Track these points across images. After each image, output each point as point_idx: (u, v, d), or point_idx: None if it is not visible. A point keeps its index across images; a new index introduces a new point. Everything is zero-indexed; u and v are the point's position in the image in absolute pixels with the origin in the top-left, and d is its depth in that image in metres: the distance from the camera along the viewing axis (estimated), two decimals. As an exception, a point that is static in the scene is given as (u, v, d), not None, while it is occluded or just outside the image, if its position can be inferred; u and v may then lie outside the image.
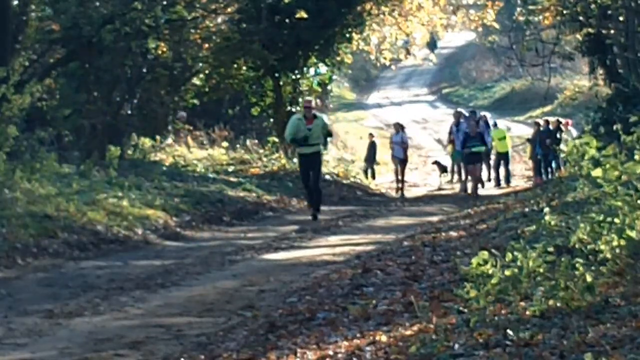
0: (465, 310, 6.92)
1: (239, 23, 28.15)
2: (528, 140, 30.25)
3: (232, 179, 22.87)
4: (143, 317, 9.12)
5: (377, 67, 57.57)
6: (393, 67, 52.84)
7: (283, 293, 10.06)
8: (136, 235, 15.27)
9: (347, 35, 29.35)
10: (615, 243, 6.87)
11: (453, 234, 13.50)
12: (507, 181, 29.08)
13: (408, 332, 6.86)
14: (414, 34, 33.98)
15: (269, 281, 10.93)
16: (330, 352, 6.73)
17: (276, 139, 27.74)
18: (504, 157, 29.25)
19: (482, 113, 32.11)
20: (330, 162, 28.06)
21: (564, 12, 26.56)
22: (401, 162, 26.82)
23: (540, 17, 28.22)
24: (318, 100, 31.48)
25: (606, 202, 7.21)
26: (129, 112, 25.83)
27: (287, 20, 27.70)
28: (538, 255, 6.86)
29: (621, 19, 24.41)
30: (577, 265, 6.73)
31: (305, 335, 7.55)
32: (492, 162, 30.01)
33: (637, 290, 6.66)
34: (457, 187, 27.98)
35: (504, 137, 29.35)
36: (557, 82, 45.87)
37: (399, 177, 26.96)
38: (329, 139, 20.86)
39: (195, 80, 28.87)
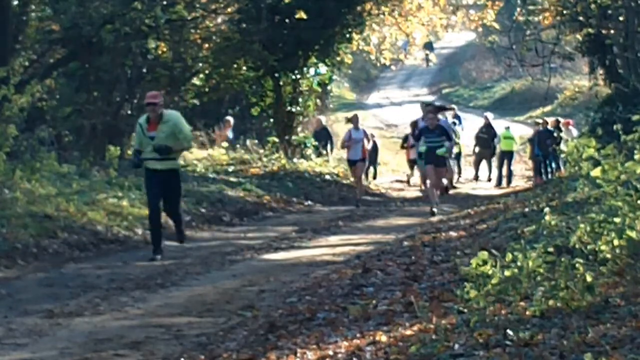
0: (465, 310, 6.92)
1: (239, 23, 28.14)
2: (528, 140, 30.29)
3: (232, 179, 22.84)
4: (143, 317, 9.12)
5: (377, 67, 57.56)
6: (393, 67, 52.88)
7: (283, 293, 10.05)
8: (136, 235, 15.28)
9: (347, 35, 29.35)
10: (615, 243, 6.87)
11: (453, 234, 13.51)
12: (509, 181, 29.10)
13: (408, 332, 6.86)
14: (413, 34, 33.98)
15: (269, 281, 10.93)
16: (330, 352, 6.73)
17: (276, 139, 27.75)
18: (507, 156, 29.24)
19: (486, 113, 32.11)
20: (330, 162, 28.03)
21: (564, 12, 26.56)
22: (358, 163, 22.54)
23: (540, 17, 28.23)
24: (318, 100, 31.46)
25: (606, 202, 7.21)
26: (129, 112, 25.80)
27: (287, 20, 27.69)
28: (538, 255, 6.85)
29: (621, 19, 24.42)
30: (577, 265, 6.73)
31: (305, 335, 7.54)
32: (494, 162, 30.07)
33: (637, 290, 6.65)
34: (459, 186, 27.92)
35: (511, 137, 29.38)
36: (557, 82, 45.88)
37: (357, 179, 23.13)
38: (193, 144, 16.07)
39: (195, 80, 28.84)
